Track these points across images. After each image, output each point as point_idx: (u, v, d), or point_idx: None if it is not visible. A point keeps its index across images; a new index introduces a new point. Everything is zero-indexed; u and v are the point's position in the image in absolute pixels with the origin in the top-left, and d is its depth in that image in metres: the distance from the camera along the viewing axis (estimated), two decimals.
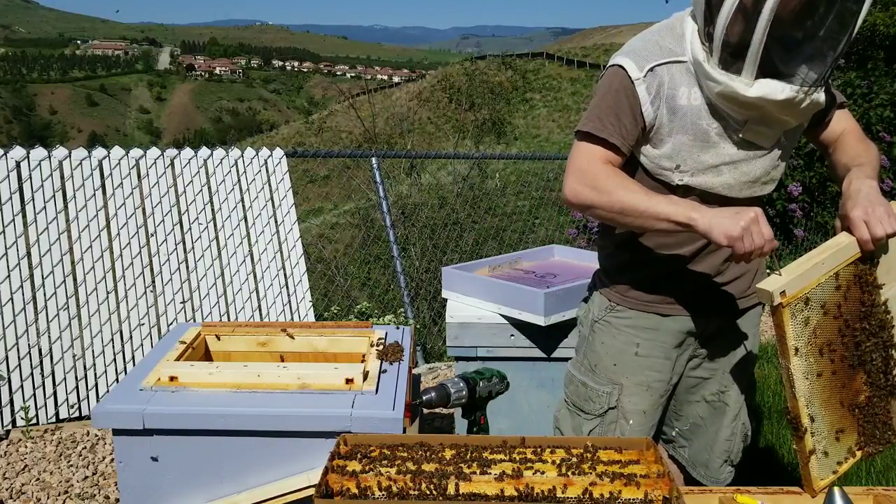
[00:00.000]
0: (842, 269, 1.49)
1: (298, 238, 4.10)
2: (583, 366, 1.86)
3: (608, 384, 1.80)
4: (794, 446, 1.52)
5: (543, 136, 34.77)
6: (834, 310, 1.50)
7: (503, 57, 38.10)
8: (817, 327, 1.48)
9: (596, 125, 1.60)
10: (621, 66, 1.59)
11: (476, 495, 1.29)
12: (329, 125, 16.47)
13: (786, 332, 1.43)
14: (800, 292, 1.43)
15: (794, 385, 1.46)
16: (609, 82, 1.62)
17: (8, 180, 3.36)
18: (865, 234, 1.48)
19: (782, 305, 1.41)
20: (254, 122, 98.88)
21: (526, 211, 7.61)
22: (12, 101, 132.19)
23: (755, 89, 1.48)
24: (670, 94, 1.58)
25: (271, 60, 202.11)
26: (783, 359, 1.46)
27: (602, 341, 1.82)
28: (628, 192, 1.54)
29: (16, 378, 3.31)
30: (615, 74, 1.61)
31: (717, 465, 1.90)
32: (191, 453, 1.76)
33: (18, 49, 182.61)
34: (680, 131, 1.60)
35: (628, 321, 1.79)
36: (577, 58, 50.46)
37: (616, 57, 1.63)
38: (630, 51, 1.61)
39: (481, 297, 2.61)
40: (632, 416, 1.80)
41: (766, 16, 1.38)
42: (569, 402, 1.90)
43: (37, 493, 2.80)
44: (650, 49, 1.59)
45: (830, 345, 1.50)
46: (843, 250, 1.49)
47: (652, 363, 1.79)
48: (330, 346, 2.21)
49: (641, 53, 1.59)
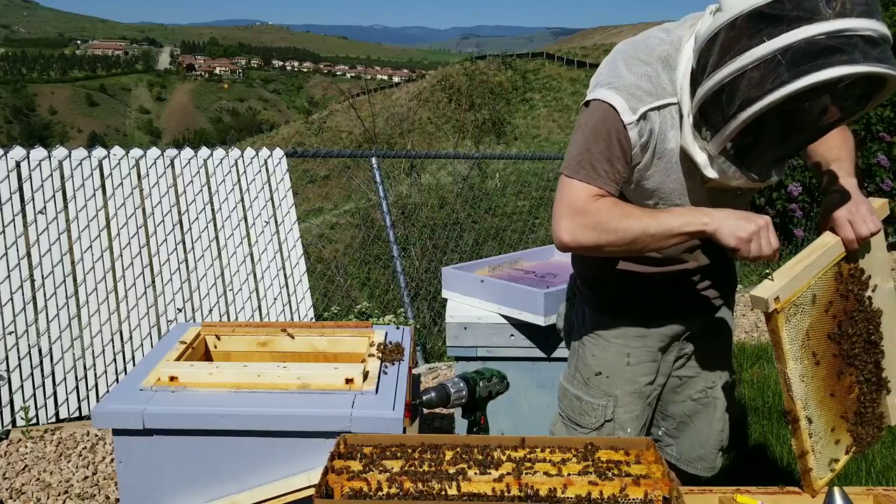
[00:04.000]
0: (828, 270, 1.50)
1: (298, 238, 4.11)
2: (576, 379, 1.85)
3: (603, 397, 1.79)
4: (793, 448, 1.52)
5: (543, 136, 34.78)
6: (824, 310, 1.51)
7: (503, 57, 38.15)
8: (810, 329, 1.48)
9: (589, 173, 1.50)
10: (612, 106, 1.46)
11: (476, 495, 1.29)
12: (329, 125, 16.48)
13: (781, 338, 1.44)
14: (792, 297, 1.44)
15: (792, 389, 1.46)
16: (599, 122, 1.49)
17: (8, 180, 3.36)
18: (850, 233, 1.48)
19: (777, 311, 1.42)
20: (254, 122, 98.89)
21: (526, 211, 7.61)
22: (12, 101, 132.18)
23: (711, 170, 1.45)
24: (660, 138, 1.50)
25: (271, 60, 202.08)
26: (779, 363, 1.46)
27: (593, 354, 1.81)
28: (634, 220, 1.47)
29: (16, 378, 3.31)
30: (606, 114, 1.48)
31: (714, 457, 1.92)
32: (191, 453, 1.76)
33: (18, 49, 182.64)
34: (662, 172, 1.54)
35: (617, 331, 1.78)
36: (577, 58, 50.46)
37: (603, 90, 1.48)
38: (621, 85, 1.47)
39: (481, 297, 2.62)
40: (628, 424, 1.80)
41: (756, 108, 1.25)
42: (564, 416, 1.88)
43: (37, 493, 2.80)
44: (642, 86, 1.46)
45: (823, 345, 1.51)
46: (829, 251, 1.50)
47: (643, 369, 1.79)
48: (330, 346, 2.21)
49: (634, 92, 1.46)
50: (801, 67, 1.19)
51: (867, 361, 1.56)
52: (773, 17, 1.22)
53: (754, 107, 1.25)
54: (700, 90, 1.36)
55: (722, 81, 1.30)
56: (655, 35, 1.52)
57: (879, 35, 1.20)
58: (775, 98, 1.22)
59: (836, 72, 1.17)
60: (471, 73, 20.61)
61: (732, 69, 1.27)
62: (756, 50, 1.23)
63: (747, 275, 6.59)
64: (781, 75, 1.21)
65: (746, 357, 4.15)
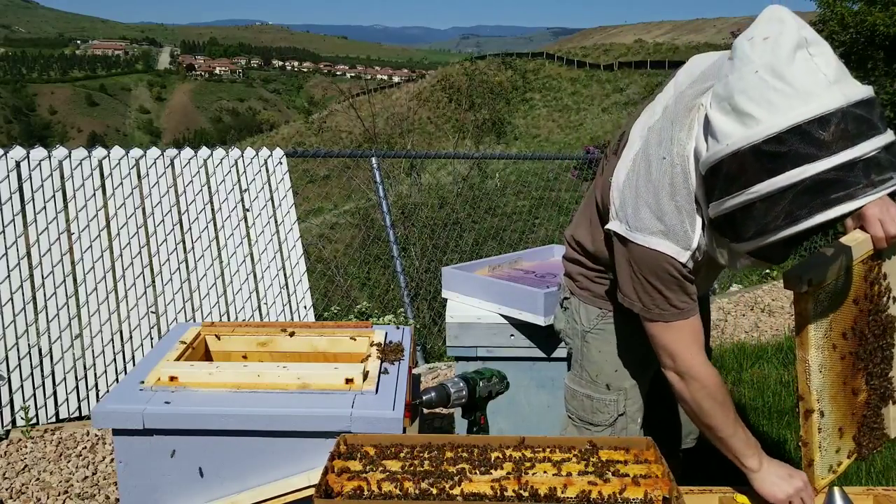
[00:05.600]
0: (855, 266, 1.51)
1: (298, 238, 4.11)
2: (582, 379, 1.85)
3: (614, 392, 1.80)
4: (801, 436, 1.53)
5: (543, 136, 34.79)
6: (847, 306, 1.51)
7: (503, 57, 38.12)
8: (833, 321, 1.49)
9: (677, 311, 1.54)
10: (664, 253, 1.48)
11: (476, 495, 1.29)
12: (329, 125, 16.44)
13: (808, 321, 1.44)
14: (824, 281, 1.45)
15: (810, 377, 1.46)
16: (661, 270, 1.51)
17: (8, 180, 3.36)
18: (880, 231, 1.50)
19: (807, 293, 1.42)
20: (254, 122, 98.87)
21: (526, 211, 7.61)
22: (12, 101, 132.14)
23: (735, 266, 1.49)
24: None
25: (271, 60, 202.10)
26: (801, 350, 1.47)
27: (599, 350, 1.81)
28: (726, 416, 1.55)
29: (16, 378, 3.31)
30: (664, 262, 1.49)
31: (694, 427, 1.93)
32: (191, 453, 1.76)
33: (18, 49, 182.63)
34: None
35: (620, 324, 1.79)
36: (577, 58, 50.46)
37: (653, 238, 1.49)
38: (667, 230, 1.47)
39: (481, 297, 2.61)
40: (637, 415, 1.82)
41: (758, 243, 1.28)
42: (574, 417, 1.88)
43: (37, 493, 2.80)
44: (685, 219, 1.46)
45: (843, 340, 1.51)
46: (858, 246, 1.51)
47: (647, 357, 1.78)
48: (330, 346, 2.21)
49: (679, 232, 1.47)
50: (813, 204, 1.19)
51: (878, 365, 1.56)
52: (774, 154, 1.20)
53: (766, 238, 1.26)
54: (711, 211, 1.36)
55: (731, 209, 1.29)
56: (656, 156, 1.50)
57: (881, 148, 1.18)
58: (784, 234, 1.23)
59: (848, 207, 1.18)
60: (471, 73, 20.62)
61: (738, 202, 1.27)
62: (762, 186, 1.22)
63: (747, 275, 6.58)
64: (795, 211, 1.21)
65: (746, 357, 4.14)
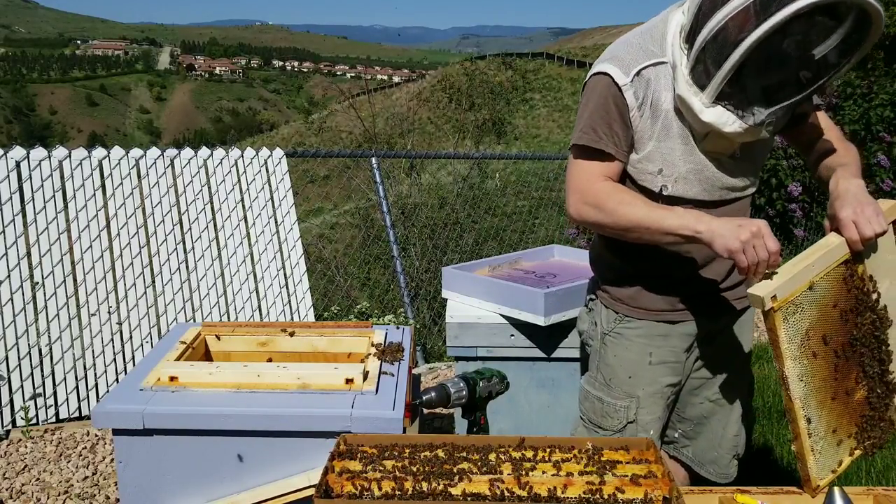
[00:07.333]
0: (832, 270, 1.49)
1: (298, 238, 4.11)
2: (597, 381, 1.84)
3: (625, 398, 1.78)
4: (793, 447, 1.52)
5: (543, 136, 34.77)
6: (827, 311, 1.50)
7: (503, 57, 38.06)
8: (810, 329, 1.48)
9: (591, 137, 1.59)
10: (606, 74, 1.58)
11: (476, 495, 1.29)
12: (329, 125, 16.43)
13: (779, 336, 1.44)
14: (791, 296, 1.44)
15: (790, 388, 1.46)
16: (596, 91, 1.61)
17: (8, 180, 3.36)
18: (855, 234, 1.48)
19: (773, 310, 1.42)
20: (254, 122, 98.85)
21: (526, 211, 7.61)
22: (12, 101, 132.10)
23: (708, 114, 1.49)
24: (655, 97, 1.57)
25: (271, 60, 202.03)
26: (777, 362, 1.46)
27: (615, 354, 1.80)
28: (632, 207, 1.55)
29: (16, 378, 3.31)
30: (600, 82, 1.60)
31: (727, 462, 1.91)
32: (191, 453, 1.76)
33: (18, 49, 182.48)
34: (661, 134, 1.59)
35: (639, 331, 1.77)
36: (577, 58, 50.41)
37: (599, 64, 1.61)
38: (613, 57, 1.60)
39: (481, 297, 2.61)
40: (651, 426, 1.79)
41: (742, 49, 1.36)
42: (585, 419, 1.87)
43: (37, 493, 2.80)
44: (633, 53, 1.58)
45: (824, 346, 1.50)
46: (833, 251, 1.49)
47: (665, 370, 1.78)
48: (330, 346, 2.21)
49: (625, 59, 1.58)
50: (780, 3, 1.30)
51: (873, 363, 1.55)
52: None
53: (743, 44, 1.34)
54: (702, 32, 1.43)
55: (712, 30, 1.40)
56: (641, 26, 1.66)
57: None
58: (758, 36, 1.32)
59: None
60: (471, 73, 20.58)
61: (720, 16, 1.38)
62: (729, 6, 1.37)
63: None
64: (762, 15, 1.32)
65: None
